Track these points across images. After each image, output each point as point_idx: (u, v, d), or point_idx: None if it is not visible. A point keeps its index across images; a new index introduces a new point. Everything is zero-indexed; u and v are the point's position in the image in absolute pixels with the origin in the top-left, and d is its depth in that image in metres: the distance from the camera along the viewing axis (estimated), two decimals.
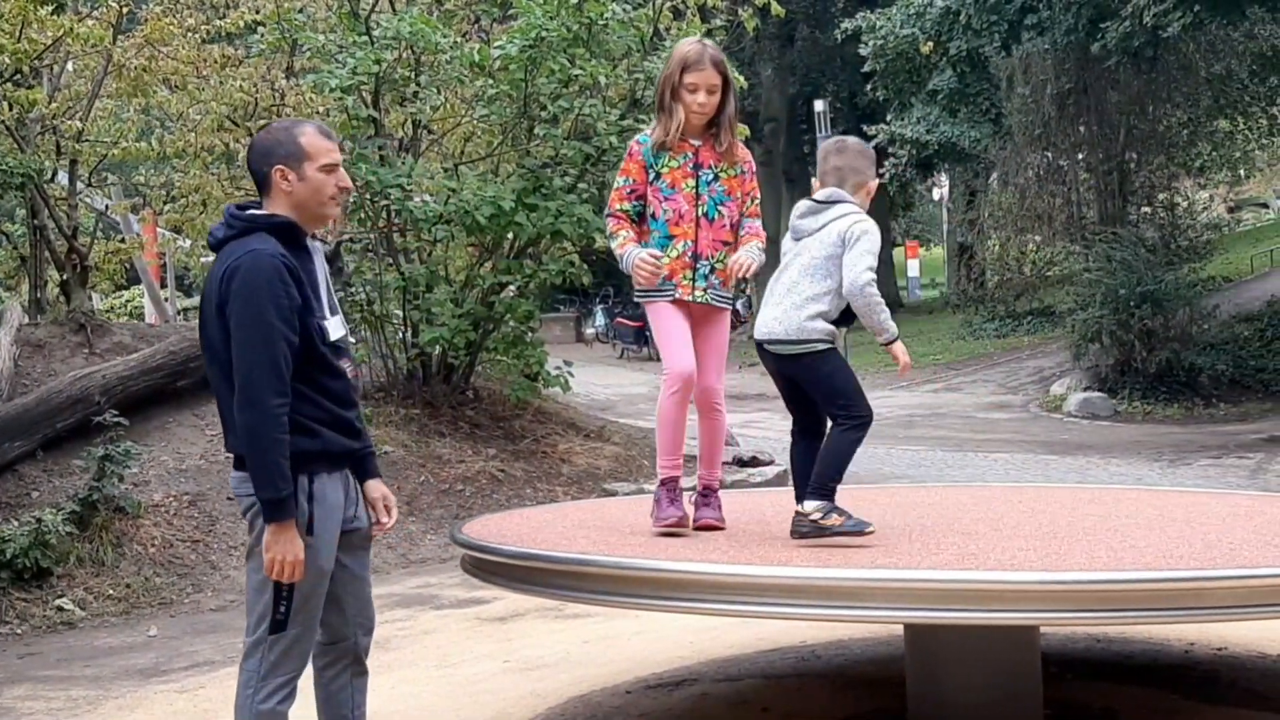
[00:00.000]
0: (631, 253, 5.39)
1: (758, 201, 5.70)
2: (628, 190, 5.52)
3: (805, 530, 5.15)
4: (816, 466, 5.24)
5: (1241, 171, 45.44)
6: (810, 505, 5.17)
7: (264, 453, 3.96)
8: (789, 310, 5.34)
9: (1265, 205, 61.38)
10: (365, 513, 4.42)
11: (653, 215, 5.49)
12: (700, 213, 5.46)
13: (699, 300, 5.51)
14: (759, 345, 5.48)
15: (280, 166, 4.14)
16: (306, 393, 4.08)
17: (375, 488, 4.46)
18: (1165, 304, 20.96)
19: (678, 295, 5.47)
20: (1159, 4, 21.11)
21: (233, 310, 4.00)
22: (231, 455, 4.21)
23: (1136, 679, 6.27)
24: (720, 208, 5.50)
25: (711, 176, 5.49)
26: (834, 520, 5.12)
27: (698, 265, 5.47)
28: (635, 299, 5.80)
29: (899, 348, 5.38)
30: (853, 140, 5.77)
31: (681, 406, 5.49)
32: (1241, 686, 6.10)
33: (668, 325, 5.51)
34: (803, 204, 5.55)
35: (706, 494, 5.69)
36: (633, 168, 5.54)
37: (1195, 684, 6.16)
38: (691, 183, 5.46)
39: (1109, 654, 6.67)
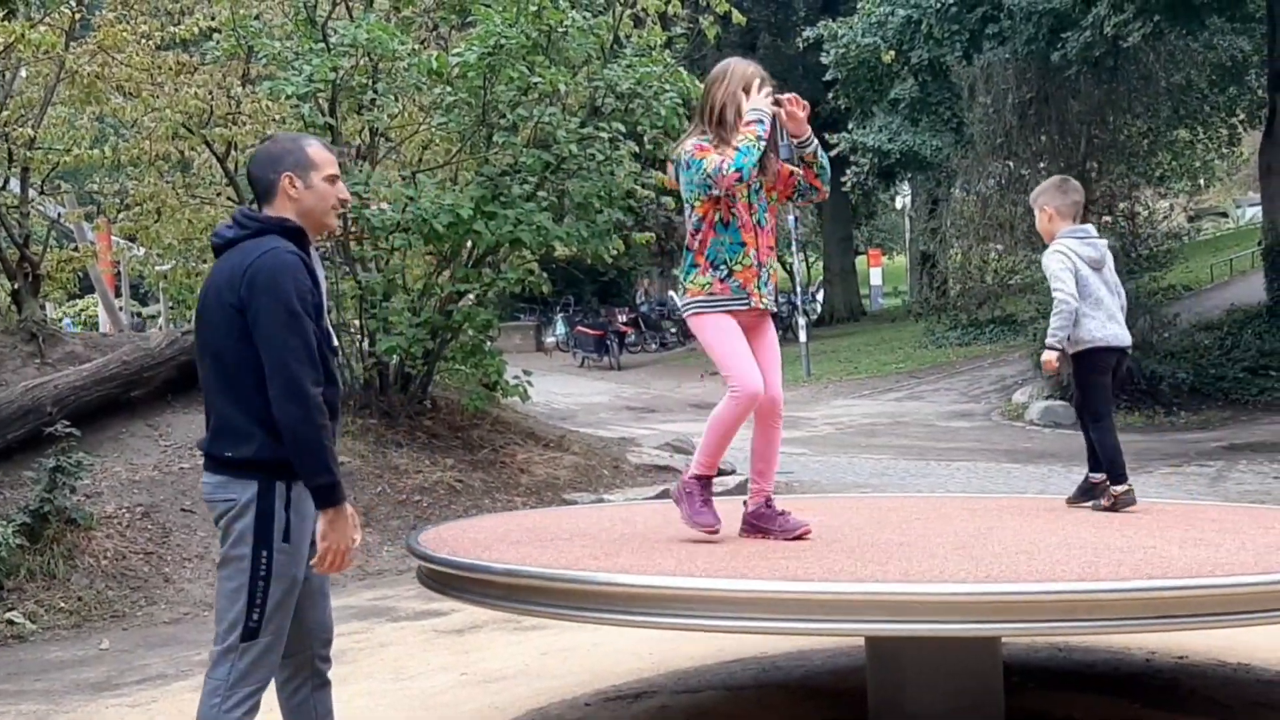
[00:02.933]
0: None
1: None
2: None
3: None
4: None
5: (1201, 181, 45.72)
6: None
7: (314, 439, 3.98)
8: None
9: (1225, 214, 61.86)
10: None
11: (723, 222, 5.54)
12: (754, 221, 5.58)
13: (766, 307, 5.62)
14: (1118, 350, 6.92)
15: (289, 174, 4.21)
16: None
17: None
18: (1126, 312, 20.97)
19: (752, 304, 5.55)
20: (1119, 14, 21.21)
21: (260, 306, 3.99)
22: (205, 457, 4.18)
23: (1098, 688, 6.24)
24: (766, 215, 5.64)
25: (758, 185, 5.60)
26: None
27: (761, 273, 5.58)
28: (686, 312, 5.67)
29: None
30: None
31: (743, 420, 5.58)
32: (1201, 695, 6.08)
33: (732, 340, 5.54)
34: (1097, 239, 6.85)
35: (770, 506, 5.72)
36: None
37: (1156, 693, 6.13)
38: (745, 192, 5.54)
39: (1070, 663, 6.63)
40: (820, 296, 48.23)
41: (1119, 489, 6.56)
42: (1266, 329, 24.95)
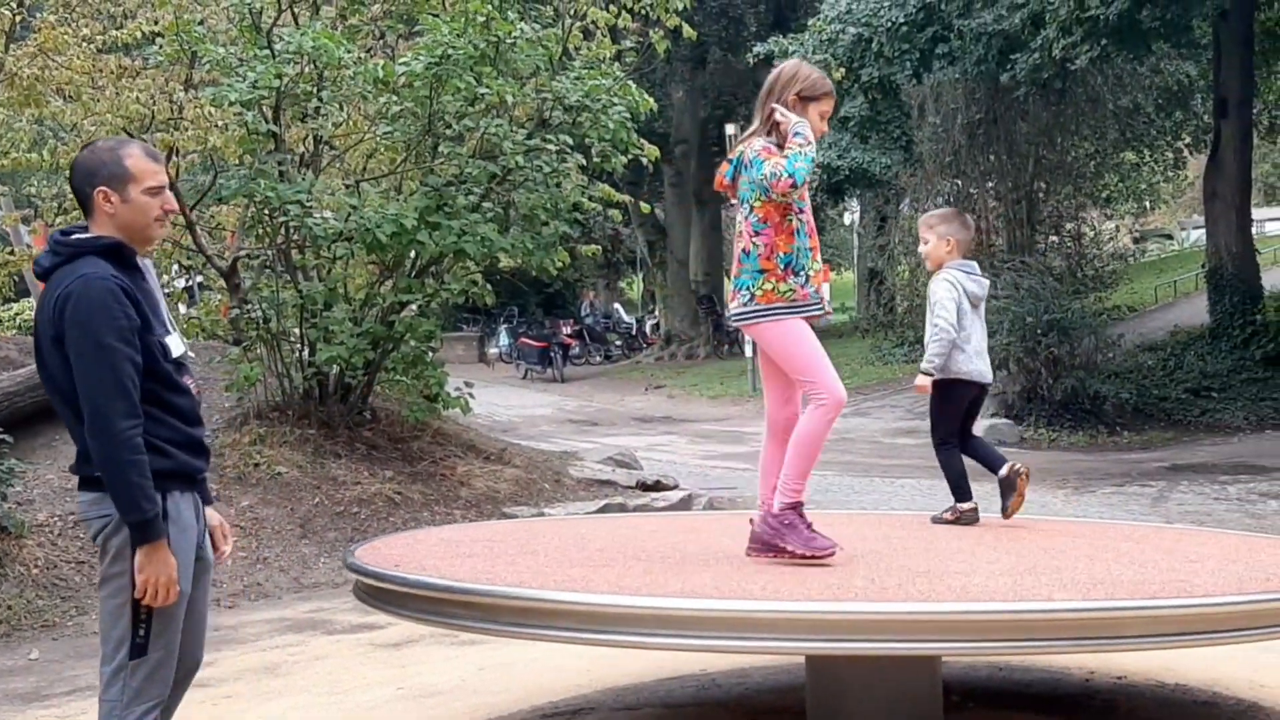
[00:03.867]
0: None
1: None
2: None
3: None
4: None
5: (1147, 203, 46.22)
6: None
7: (123, 476, 3.89)
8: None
9: (1170, 236, 62.48)
10: (207, 540, 4.35)
11: (796, 229, 5.48)
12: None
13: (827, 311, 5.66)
14: (980, 385, 7.13)
15: (103, 188, 4.08)
16: (155, 413, 4.01)
17: (212, 515, 4.39)
18: (1071, 332, 21.12)
19: (825, 309, 5.58)
20: (1067, 37, 21.36)
21: (71, 339, 3.92)
22: (78, 478, 4.12)
23: (1036, 707, 6.23)
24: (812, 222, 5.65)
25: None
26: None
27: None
28: (765, 318, 5.48)
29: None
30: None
31: (829, 431, 5.57)
32: (1140, 715, 6.08)
33: (816, 346, 5.51)
34: (982, 277, 7.09)
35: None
36: None
37: (1094, 713, 6.13)
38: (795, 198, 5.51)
39: (1010, 682, 6.62)
40: None
41: (965, 506, 6.98)
42: (1209, 351, 25.22)
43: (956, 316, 6.89)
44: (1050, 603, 4.61)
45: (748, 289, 5.48)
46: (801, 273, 5.44)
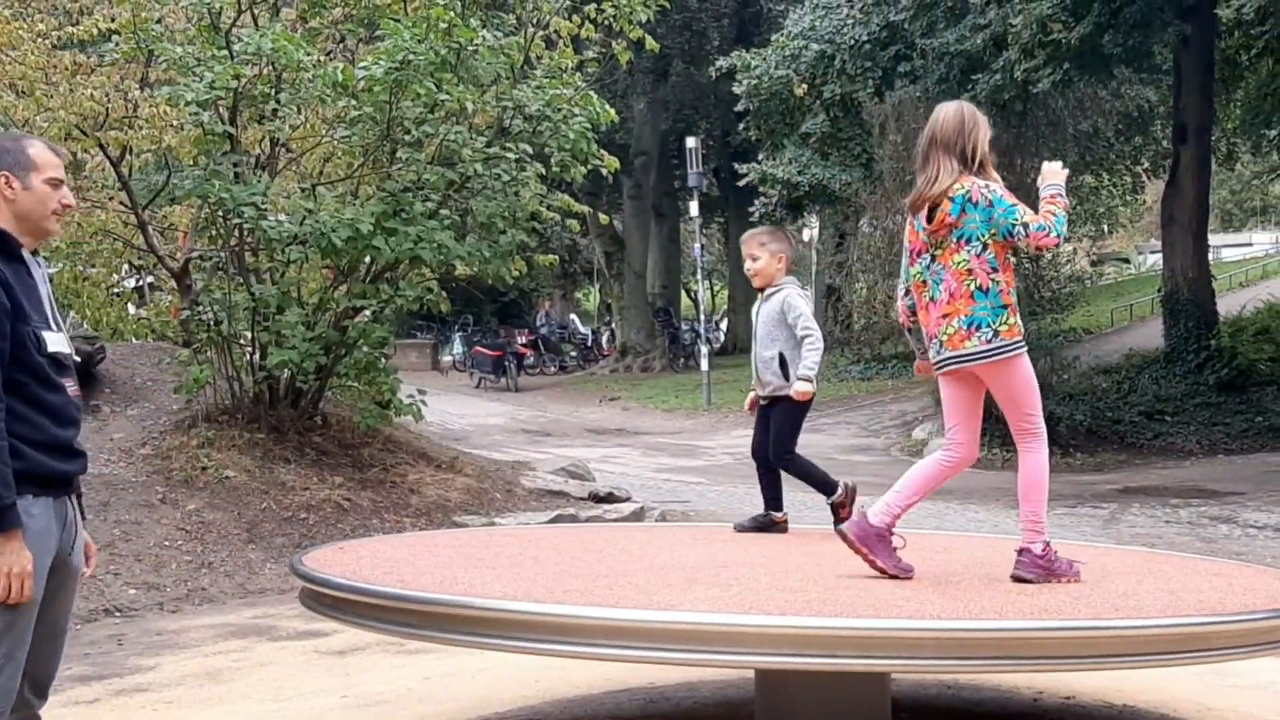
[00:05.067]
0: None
1: None
2: None
3: None
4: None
5: (1105, 226, 46.52)
6: None
7: None
8: None
9: (1127, 260, 62.99)
10: (82, 552, 4.22)
11: (1014, 267, 5.72)
12: None
13: None
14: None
15: (6, 173, 4.06)
16: (18, 408, 3.89)
17: (81, 532, 4.25)
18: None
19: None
20: (1029, 60, 21.50)
21: None
22: None
23: None
24: None
25: None
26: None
27: None
28: (1007, 354, 5.65)
29: None
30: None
31: None
32: None
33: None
34: None
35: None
36: None
37: None
38: None
39: (958, 701, 6.60)
40: (724, 325, 48.45)
41: (840, 493, 7.25)
42: (1163, 374, 25.39)
43: None
44: (998, 621, 4.67)
45: (989, 326, 5.56)
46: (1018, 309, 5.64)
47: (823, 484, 7.33)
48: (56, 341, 4.05)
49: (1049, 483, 5.72)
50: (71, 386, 4.11)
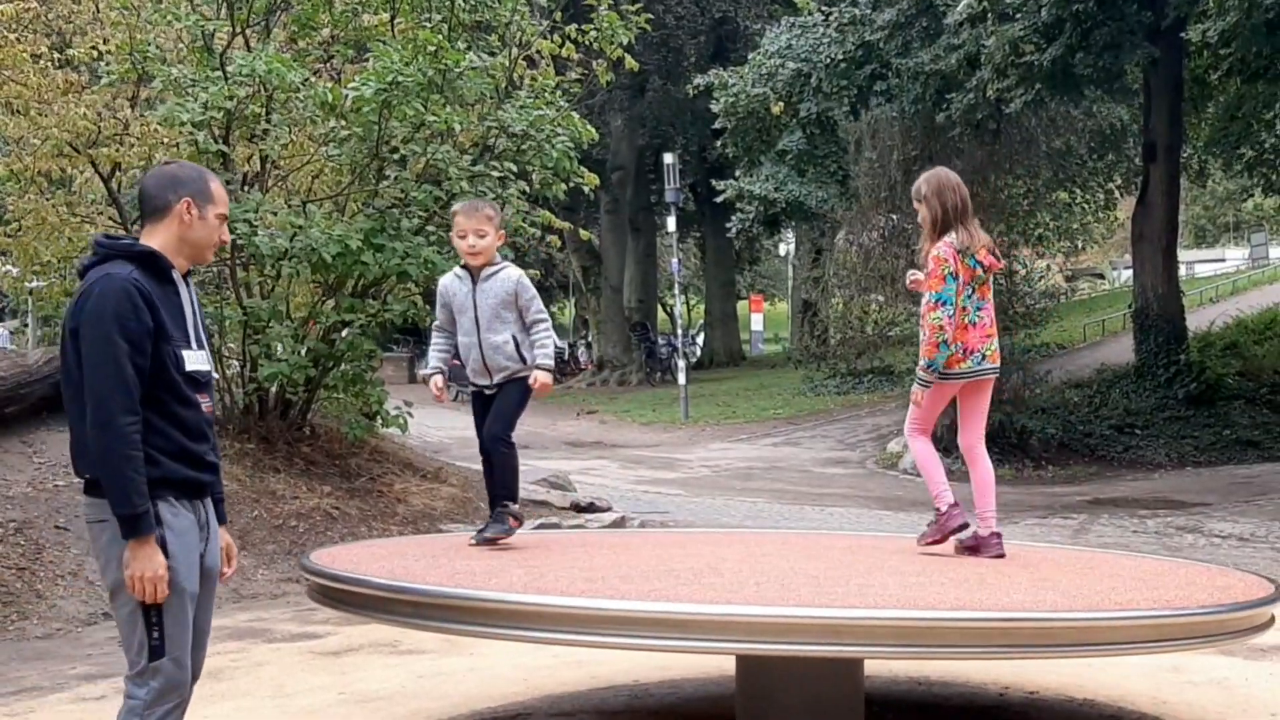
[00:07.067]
0: None
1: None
2: None
3: None
4: None
5: (1079, 242, 46.81)
6: None
7: (118, 470, 3.96)
8: None
9: (1101, 276, 63.34)
10: (218, 555, 4.42)
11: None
12: None
13: None
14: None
15: (190, 199, 4.24)
16: (154, 420, 4.08)
17: (221, 535, 4.46)
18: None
19: None
20: (1002, 80, 21.81)
21: (83, 334, 4.04)
22: (82, 481, 4.20)
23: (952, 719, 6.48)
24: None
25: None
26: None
27: None
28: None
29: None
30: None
31: None
32: None
33: None
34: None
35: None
36: None
37: None
38: None
39: (929, 696, 6.86)
40: (700, 340, 48.60)
41: (515, 509, 6.69)
42: (1134, 389, 25.69)
43: None
44: (964, 611, 4.89)
45: (995, 350, 7.20)
46: None
47: (512, 493, 6.74)
48: (194, 360, 4.23)
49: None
50: (206, 403, 4.28)
